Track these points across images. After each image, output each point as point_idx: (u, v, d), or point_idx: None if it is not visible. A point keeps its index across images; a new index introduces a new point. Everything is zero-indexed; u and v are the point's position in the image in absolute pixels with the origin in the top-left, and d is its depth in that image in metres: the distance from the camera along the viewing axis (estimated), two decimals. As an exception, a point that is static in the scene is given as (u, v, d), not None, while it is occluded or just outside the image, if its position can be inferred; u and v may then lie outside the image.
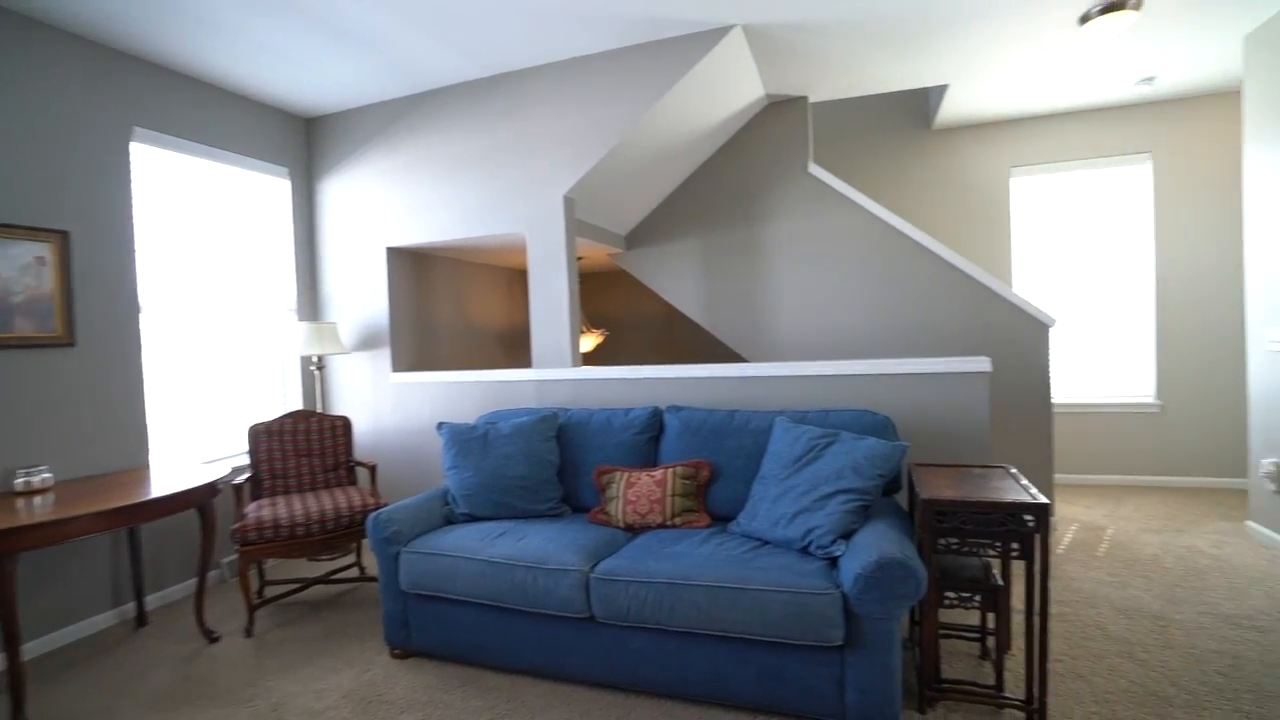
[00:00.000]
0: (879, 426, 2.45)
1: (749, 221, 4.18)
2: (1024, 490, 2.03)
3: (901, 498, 2.90)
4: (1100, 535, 3.61)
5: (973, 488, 2.08)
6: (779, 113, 4.13)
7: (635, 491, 2.56)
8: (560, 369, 3.31)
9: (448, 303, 4.47)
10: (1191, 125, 4.46)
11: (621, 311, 5.83)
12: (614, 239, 4.31)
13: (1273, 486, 3.33)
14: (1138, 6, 3.15)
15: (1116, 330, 4.66)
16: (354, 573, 3.43)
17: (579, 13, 2.96)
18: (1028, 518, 1.91)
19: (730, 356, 5.14)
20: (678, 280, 4.35)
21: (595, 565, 2.21)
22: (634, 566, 2.13)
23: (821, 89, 4.03)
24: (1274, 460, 3.31)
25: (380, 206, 3.86)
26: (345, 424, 3.42)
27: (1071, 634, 2.53)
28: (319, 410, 3.77)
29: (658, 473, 2.59)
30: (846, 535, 2.07)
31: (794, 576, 1.95)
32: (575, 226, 3.58)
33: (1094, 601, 2.81)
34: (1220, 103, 4.41)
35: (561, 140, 3.41)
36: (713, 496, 2.58)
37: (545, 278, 3.45)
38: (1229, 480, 4.41)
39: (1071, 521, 3.86)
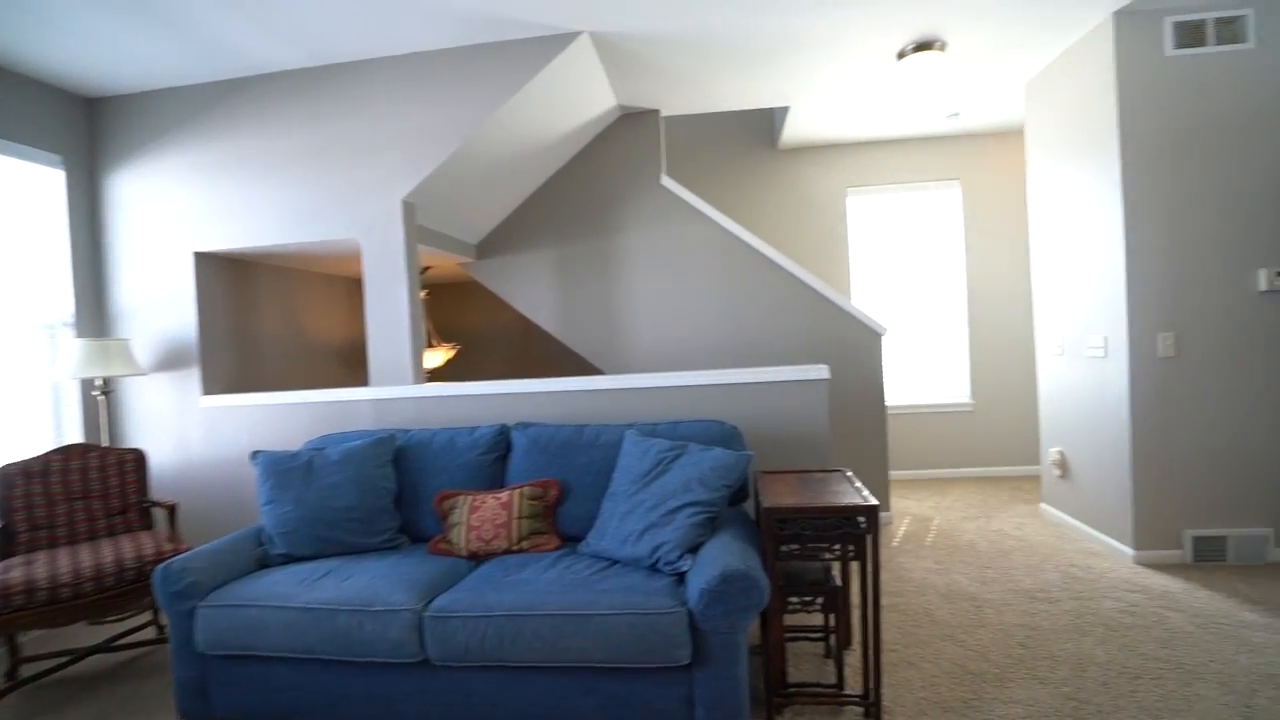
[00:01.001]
0: (726, 436, 2.47)
1: (603, 232, 4.16)
2: (857, 493, 2.13)
3: (751, 505, 2.97)
4: (928, 526, 3.94)
5: (812, 493, 2.14)
6: (632, 124, 4.15)
7: (480, 516, 2.39)
8: (401, 386, 3.05)
9: (275, 316, 4.01)
10: (990, 157, 5.07)
11: (476, 324, 5.58)
12: (464, 248, 4.09)
13: (1058, 472, 3.81)
14: (943, 48, 3.50)
15: (937, 337, 5.16)
16: (150, 633, 2.93)
17: (419, 5, 2.76)
18: (860, 519, 2.00)
19: (589, 369, 5.08)
20: (531, 291, 4.22)
21: (430, 602, 2.01)
22: (473, 600, 1.96)
23: (673, 103, 4.11)
24: (1058, 449, 3.79)
25: (186, 206, 3.38)
26: (137, 458, 2.92)
27: (904, 624, 2.71)
28: (104, 443, 3.20)
29: (504, 495, 2.44)
30: (694, 549, 2.05)
31: (640, 597, 1.89)
32: (416, 233, 3.35)
33: (923, 589, 3.03)
34: (1014, 138, 5.05)
35: (400, 140, 3.17)
36: (563, 516, 2.48)
37: (383, 287, 3.18)
38: (1028, 468, 5.03)
39: (905, 515, 4.19)
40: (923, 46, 3.47)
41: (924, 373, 5.16)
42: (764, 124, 5.25)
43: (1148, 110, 3.15)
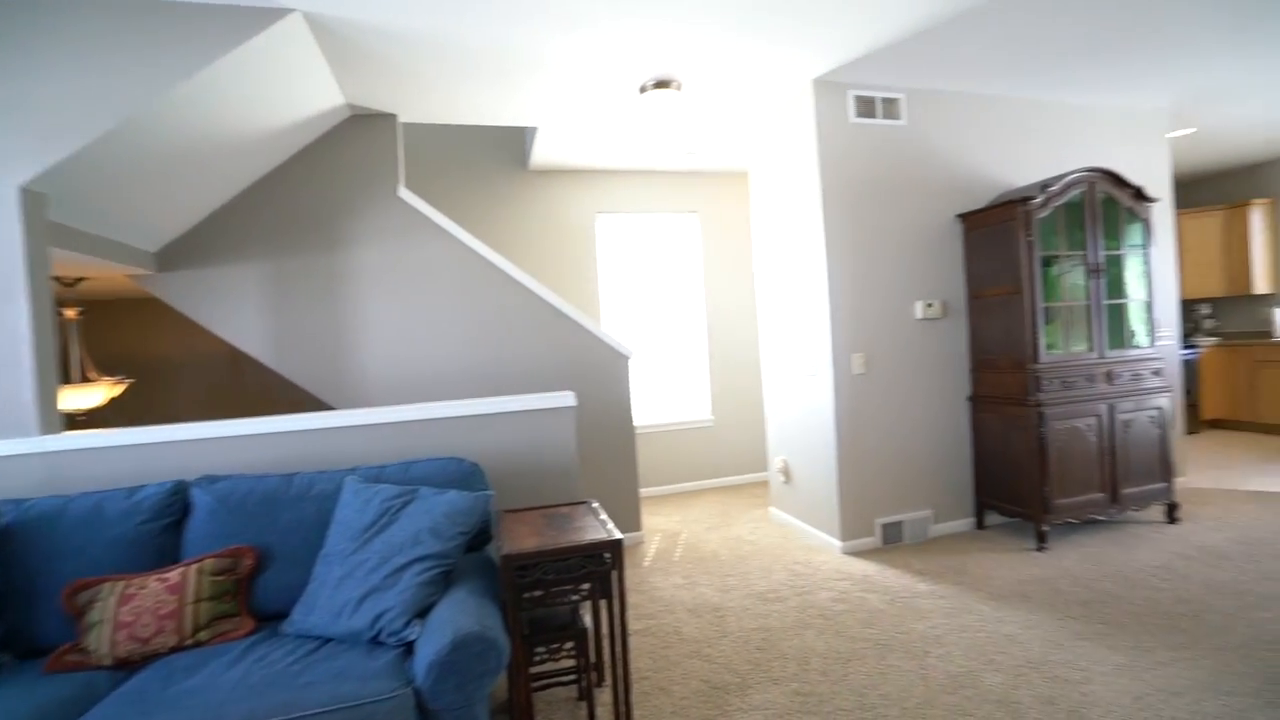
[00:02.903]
0: (466, 475, 2.24)
1: (329, 246, 3.64)
2: (602, 526, 2.06)
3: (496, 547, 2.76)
4: (676, 540, 4.11)
5: (556, 532, 2.02)
6: (365, 128, 3.72)
7: (134, 607, 1.82)
8: (20, 440, 2.25)
9: None
10: (724, 193, 5.60)
11: (163, 352, 4.52)
12: (137, 256, 3.25)
13: (783, 478, 4.27)
14: (679, 88, 3.73)
15: (680, 358, 5.51)
16: None
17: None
18: (606, 555, 1.92)
19: (316, 404, 4.42)
20: (236, 312, 3.52)
21: (35, 748, 1.44)
22: (110, 731, 1.45)
23: (412, 109, 3.77)
24: (782, 458, 4.25)
25: None
26: None
27: (654, 648, 2.72)
28: None
29: (173, 575, 1.89)
30: (424, 611, 1.79)
31: (354, 684, 1.56)
32: (50, 232, 2.54)
33: (672, 607, 3.11)
34: (744, 179, 5.65)
35: (23, 106, 2.37)
36: (262, 590, 2.01)
37: (-10, 305, 2.33)
38: (760, 475, 5.60)
39: (656, 532, 4.33)
40: (661, 84, 3.66)
41: (669, 392, 5.46)
42: (516, 143, 5.15)
43: (839, 166, 3.70)
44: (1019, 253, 3.53)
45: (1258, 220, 6.54)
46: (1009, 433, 3.67)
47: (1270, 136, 5.62)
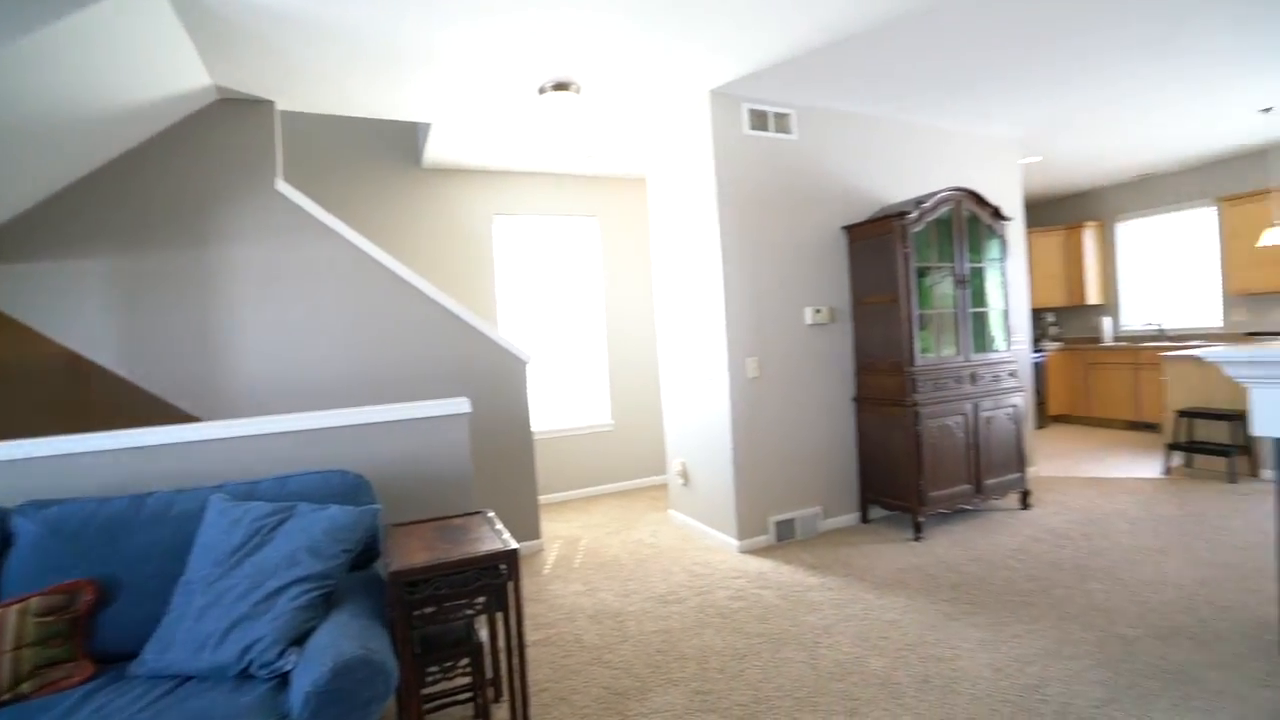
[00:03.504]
0: (350, 489, 2.10)
1: (196, 240, 3.31)
2: (498, 536, 1.99)
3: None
4: (577, 547, 4.07)
5: (449, 545, 1.93)
6: (238, 113, 3.41)
7: (-63, 658, 1.55)
8: None
9: None
10: (622, 198, 5.63)
11: (-12, 355, 3.93)
12: (-53, 245, 2.81)
13: (681, 481, 4.34)
14: (578, 91, 3.71)
15: (580, 363, 5.48)
16: None
17: None
18: (501, 566, 1.86)
19: (183, 417, 4.00)
20: (79, 313, 3.11)
21: None
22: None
23: (292, 96, 3.51)
24: (681, 460, 4.32)
25: None
26: None
27: (554, 657, 2.67)
28: None
29: (-10, 616, 1.63)
30: (301, 639, 1.65)
31: (217, 726, 1.41)
32: None
33: (573, 615, 3.07)
34: (641, 184, 5.70)
35: None
36: (105, 629, 1.78)
37: None
38: (660, 478, 5.67)
39: (556, 539, 4.27)
40: (561, 86, 3.62)
41: (569, 397, 5.41)
42: (408, 139, 4.92)
43: (734, 176, 3.82)
44: (897, 263, 3.80)
45: (1090, 240, 7.44)
46: (889, 431, 3.93)
47: (1100, 167, 6.41)
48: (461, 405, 2.60)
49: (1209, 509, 4.05)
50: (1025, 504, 4.28)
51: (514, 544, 1.88)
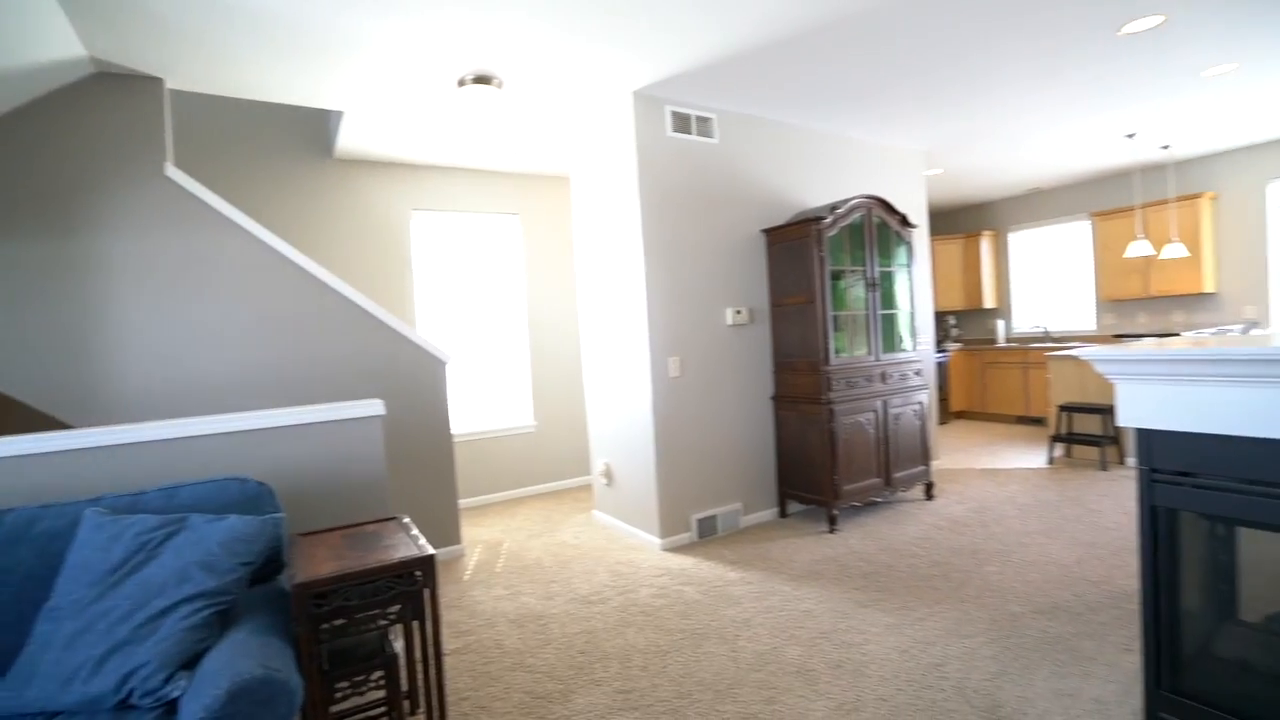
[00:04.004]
0: (251, 498, 1.97)
1: (69, 229, 3.00)
2: (413, 543, 1.92)
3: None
4: (499, 551, 3.99)
5: (361, 553, 1.84)
6: (119, 90, 3.13)
7: None
8: None
9: None
10: (545, 196, 5.57)
11: None
12: None
13: (605, 481, 4.33)
14: (500, 86, 3.63)
15: (501, 363, 5.37)
16: None
17: None
18: (417, 573, 1.79)
19: (53, 425, 3.62)
20: (-76, 305, 2.76)
21: None
22: None
23: (184, 74, 3.25)
24: (604, 460, 4.32)
25: None
26: None
27: (474, 665, 2.60)
28: None
29: None
30: (192, 661, 1.53)
31: (91, 761, 1.29)
32: None
33: (494, 621, 3.00)
34: (564, 182, 5.65)
35: None
36: (-45, 661, 1.58)
37: None
38: (584, 479, 5.64)
39: (477, 544, 4.17)
40: (482, 79, 3.54)
41: (490, 398, 5.30)
42: (318, 127, 4.67)
43: (656, 177, 3.86)
44: (813, 266, 3.94)
45: (986, 248, 8.00)
46: (805, 428, 4.08)
47: (995, 181, 6.90)
48: (375, 407, 2.48)
49: (1084, 494, 4.44)
50: (929, 495, 4.54)
51: (430, 550, 1.82)
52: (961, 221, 8.55)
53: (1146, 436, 1.87)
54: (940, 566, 3.31)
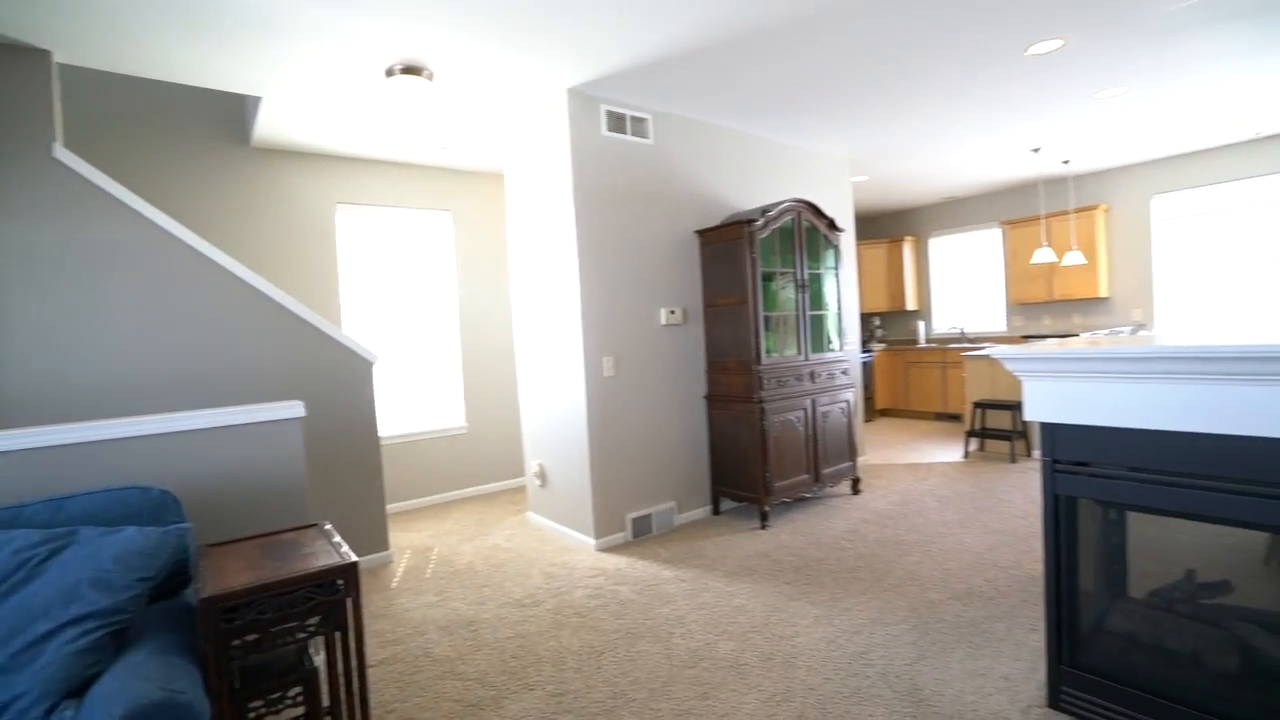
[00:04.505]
0: (153, 508, 1.83)
1: (-61, 213, 2.71)
2: (335, 550, 1.83)
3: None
4: (428, 556, 3.88)
5: (277, 563, 1.74)
6: (0, 62, 2.85)
7: None
8: None
9: None
10: (479, 193, 5.45)
11: None
12: None
13: (539, 482, 4.28)
14: (431, 77, 3.52)
15: (432, 363, 5.22)
16: None
17: None
18: (339, 582, 1.71)
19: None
20: None
21: None
22: None
23: (76, 48, 2.99)
24: (539, 461, 4.26)
25: None
26: None
27: (401, 675, 2.51)
28: None
29: None
30: (82, 688, 1.40)
31: (-41, 803, 1.16)
32: None
33: (422, 628, 2.91)
34: (500, 179, 5.54)
35: None
36: None
37: None
38: (518, 480, 5.55)
39: (405, 549, 4.03)
40: (411, 70, 3.42)
41: (420, 399, 5.14)
42: (233, 112, 4.40)
43: (591, 175, 3.84)
44: (745, 267, 4.02)
45: (908, 253, 8.39)
46: (738, 427, 4.16)
47: (916, 189, 7.25)
48: (294, 409, 2.36)
49: (996, 485, 4.73)
50: (856, 490, 4.72)
51: (353, 557, 1.74)
52: (886, 227, 8.93)
53: (1049, 430, 2.00)
54: (866, 559, 3.44)
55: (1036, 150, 5.81)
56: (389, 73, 3.44)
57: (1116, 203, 6.77)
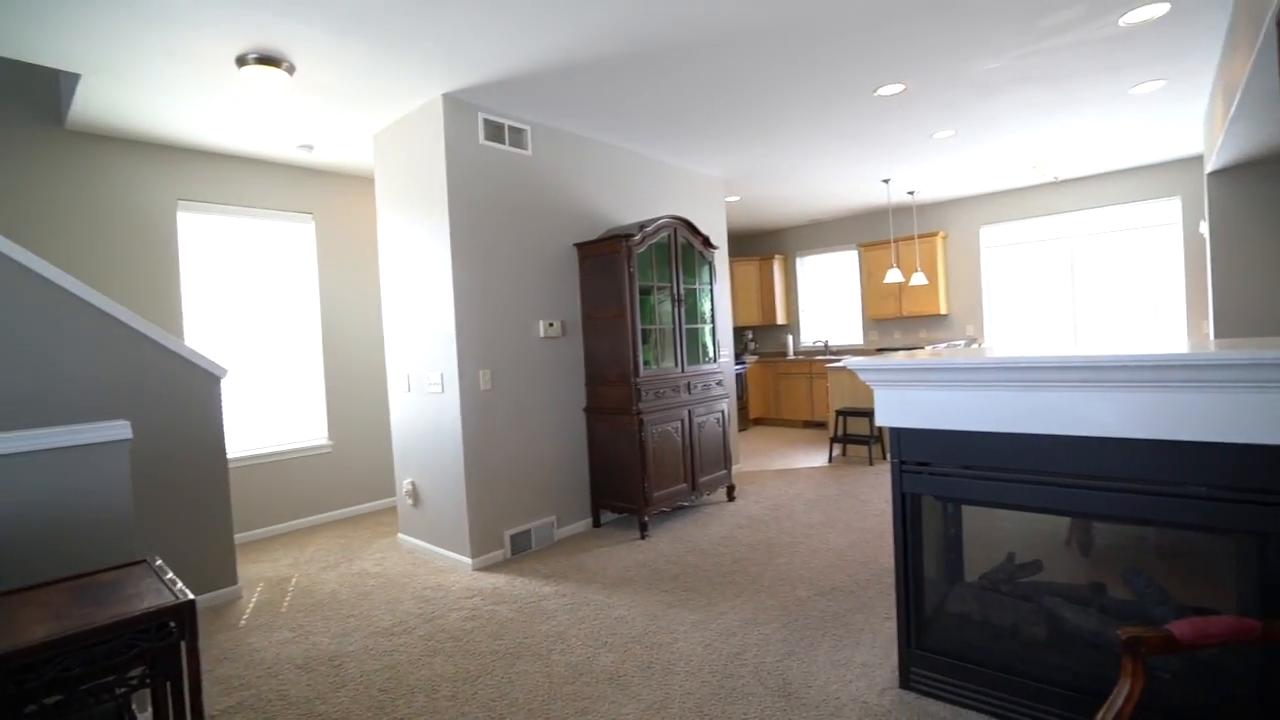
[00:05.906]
0: (-78, 551, 1.53)
1: None
2: (166, 589, 1.63)
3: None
4: (285, 588, 3.55)
5: (89, 609, 1.52)
6: None
7: None
8: None
9: None
10: (346, 196, 5.12)
11: None
12: None
13: (410, 502, 4.07)
14: (291, 71, 3.28)
15: (290, 377, 4.82)
16: None
17: None
18: (170, 625, 1.52)
19: None
20: None
21: None
22: None
23: None
24: (410, 480, 4.05)
25: None
26: None
27: (249, 722, 2.27)
28: None
29: None
30: None
31: None
32: None
33: (276, 669, 2.65)
34: (368, 182, 5.24)
35: None
36: None
37: None
38: (389, 500, 5.24)
39: (258, 582, 3.67)
40: (268, 61, 3.16)
41: (278, 414, 4.73)
42: (43, 86, 3.83)
43: (468, 183, 3.74)
44: (623, 281, 4.08)
45: (778, 270, 8.93)
46: (617, 438, 4.20)
47: (785, 211, 7.74)
48: (117, 430, 2.07)
49: (857, 487, 5.11)
50: (731, 497, 4.91)
51: (189, 595, 1.55)
52: (758, 245, 9.45)
53: (896, 434, 2.20)
54: (740, 563, 3.59)
55: (886, 181, 6.41)
56: (241, 62, 3.16)
57: (953, 230, 7.62)
